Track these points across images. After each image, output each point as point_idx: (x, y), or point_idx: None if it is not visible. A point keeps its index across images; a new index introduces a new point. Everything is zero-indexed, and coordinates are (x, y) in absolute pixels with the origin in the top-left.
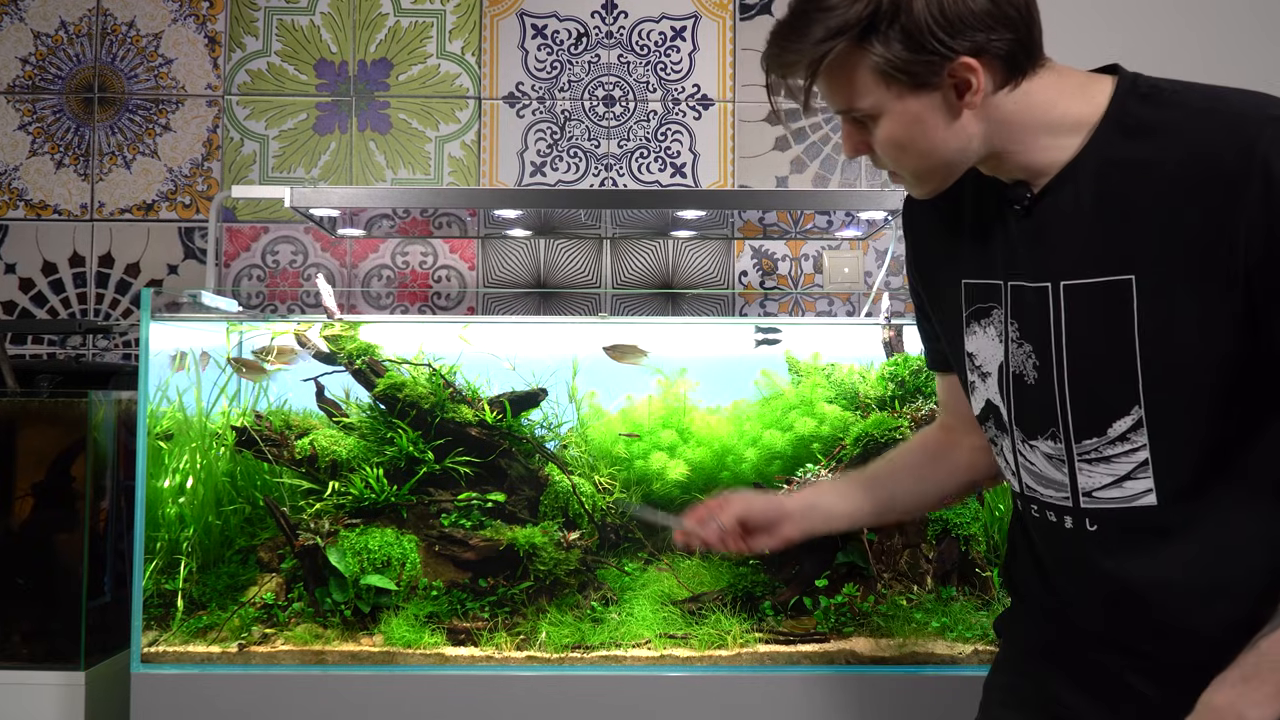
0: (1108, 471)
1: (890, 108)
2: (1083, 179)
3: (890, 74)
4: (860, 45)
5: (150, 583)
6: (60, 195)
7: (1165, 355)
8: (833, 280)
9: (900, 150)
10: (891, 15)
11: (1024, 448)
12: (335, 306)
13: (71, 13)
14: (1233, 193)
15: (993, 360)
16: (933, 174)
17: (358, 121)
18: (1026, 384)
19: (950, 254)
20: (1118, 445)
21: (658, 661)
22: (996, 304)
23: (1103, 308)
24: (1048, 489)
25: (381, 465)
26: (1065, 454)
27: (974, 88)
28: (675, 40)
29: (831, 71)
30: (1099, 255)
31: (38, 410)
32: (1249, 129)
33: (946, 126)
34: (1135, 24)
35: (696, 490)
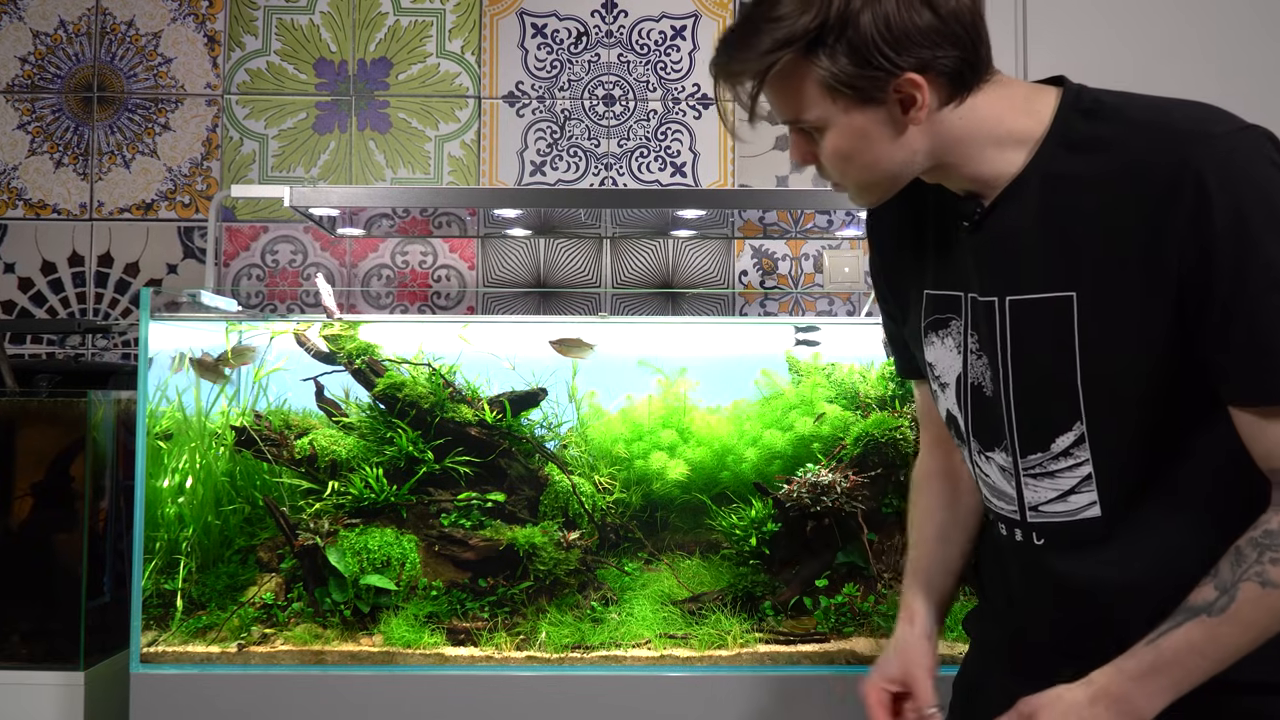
0: (1052, 486)
1: (836, 121)
2: (1027, 194)
3: (836, 88)
4: (807, 58)
5: (149, 583)
6: (59, 195)
7: (1105, 371)
8: (833, 280)
9: (845, 162)
10: (838, 29)
11: (980, 459)
12: (335, 306)
13: (70, 12)
14: (1166, 208)
15: (950, 371)
16: (876, 186)
17: (357, 121)
18: (985, 396)
19: (913, 263)
20: (1061, 460)
21: (658, 661)
22: (956, 315)
23: (1045, 323)
24: (999, 500)
25: (381, 465)
26: (1013, 468)
27: (919, 104)
28: (675, 39)
29: (778, 83)
30: (1042, 271)
31: (37, 410)
32: (1183, 145)
33: (892, 141)
34: (1135, 23)
35: (697, 490)
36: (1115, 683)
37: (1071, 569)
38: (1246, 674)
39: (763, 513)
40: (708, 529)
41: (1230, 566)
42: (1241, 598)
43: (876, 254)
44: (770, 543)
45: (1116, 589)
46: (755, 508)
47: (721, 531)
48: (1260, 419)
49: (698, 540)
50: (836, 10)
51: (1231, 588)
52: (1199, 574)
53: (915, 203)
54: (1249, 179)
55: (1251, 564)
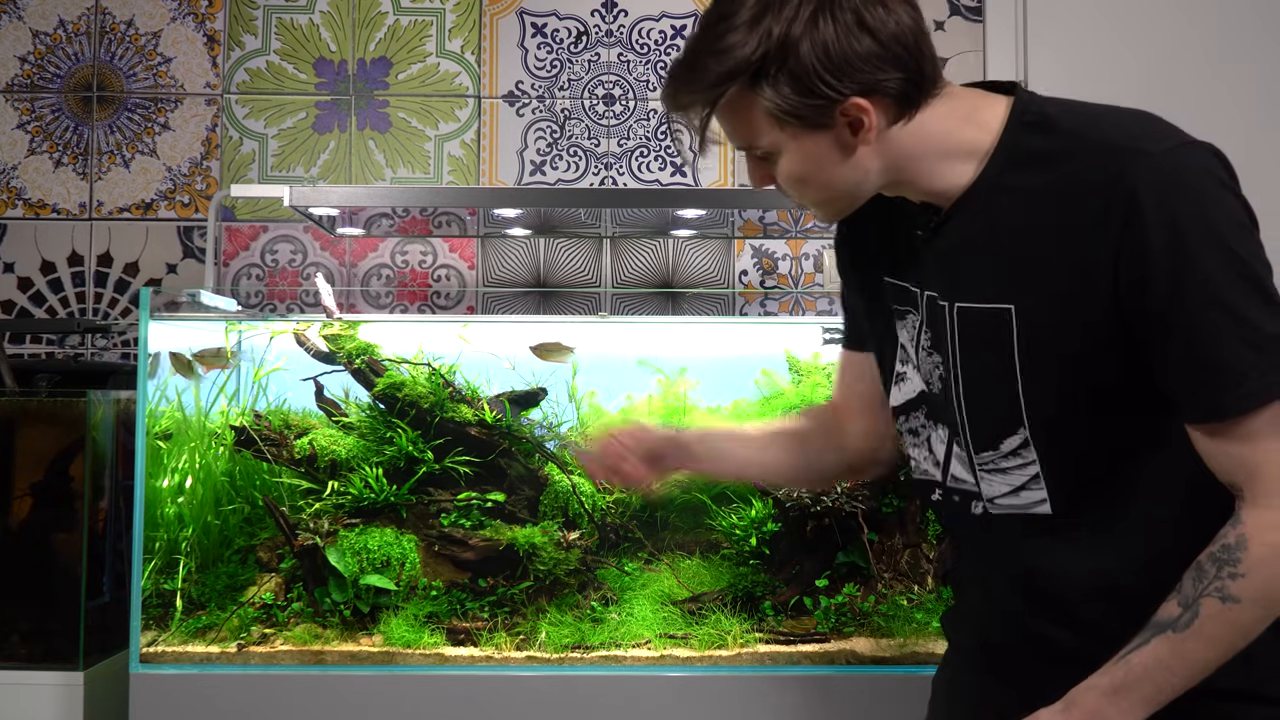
0: (1004, 481)
1: (787, 146)
2: (976, 206)
3: (782, 117)
4: (752, 89)
5: (149, 583)
6: (59, 194)
7: (1044, 381)
8: (833, 279)
9: (801, 184)
10: (779, 60)
11: (927, 426)
12: (334, 306)
13: (70, 11)
14: (1102, 225)
15: (910, 357)
16: (834, 203)
17: (357, 120)
18: (934, 393)
19: (882, 247)
20: (1010, 459)
21: (658, 661)
22: (912, 309)
23: (987, 333)
24: (962, 485)
25: (381, 465)
26: (969, 461)
27: (867, 126)
28: (675, 39)
29: (727, 113)
30: (984, 282)
31: (36, 410)
32: (1120, 160)
33: (843, 163)
34: (1135, 24)
35: (697, 489)
36: (1090, 700)
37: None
38: (1223, 681)
39: (763, 512)
40: (708, 529)
41: (1192, 582)
42: (1204, 614)
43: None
44: (770, 543)
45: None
46: (755, 507)
47: (721, 531)
48: (1209, 437)
49: (698, 540)
50: (777, 41)
51: (1194, 603)
52: (1162, 573)
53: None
54: (1184, 194)
55: (1211, 579)
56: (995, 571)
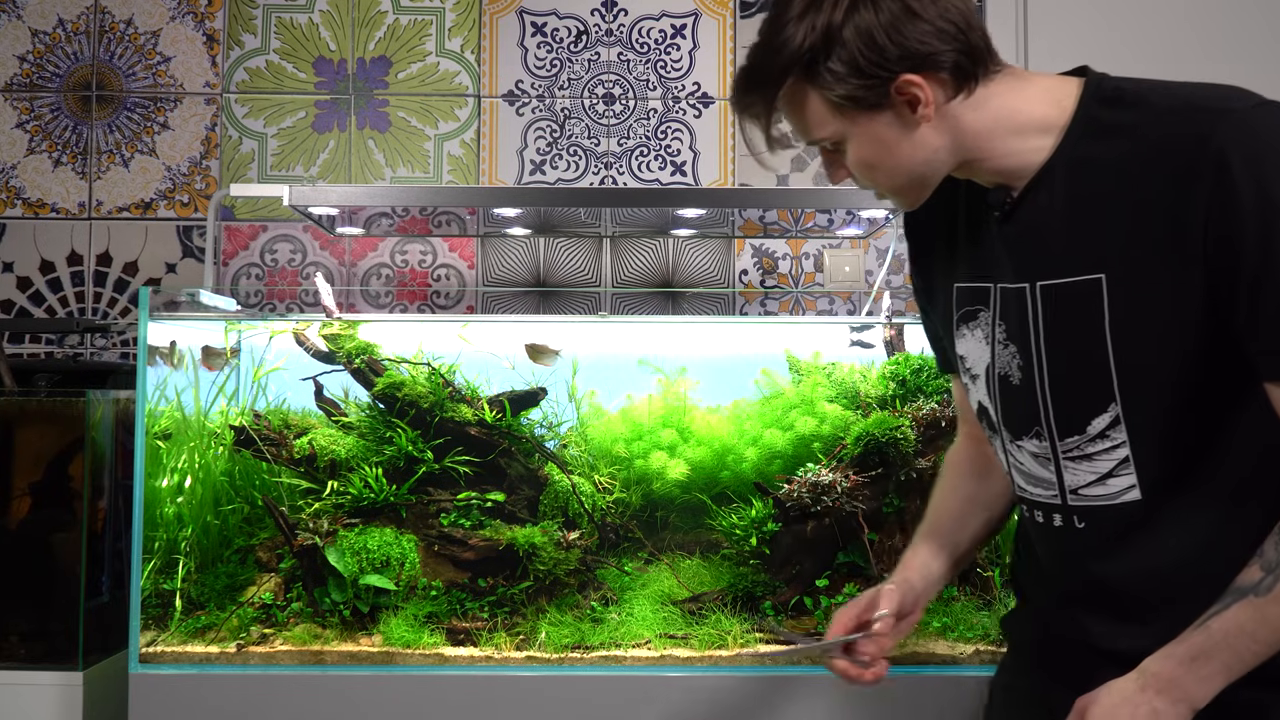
0: (1090, 469)
1: (850, 133)
2: (1054, 181)
3: (839, 103)
4: (807, 80)
5: (148, 583)
6: (58, 194)
7: (1136, 351)
8: (833, 279)
9: (871, 170)
10: (827, 48)
11: (1013, 448)
12: (334, 305)
13: (69, 10)
14: (1190, 186)
15: (980, 362)
16: (908, 188)
17: (356, 119)
18: (1012, 384)
19: (945, 258)
20: (1098, 443)
21: (658, 661)
22: (984, 306)
23: (1076, 307)
24: (1037, 487)
25: (380, 465)
26: (1051, 452)
27: (924, 101)
28: (675, 38)
29: (788, 107)
30: (1070, 255)
31: (35, 409)
32: (1204, 122)
33: (907, 142)
34: (1135, 21)
35: (697, 489)
36: (1166, 668)
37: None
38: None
39: (763, 512)
40: (708, 529)
41: (1275, 546)
42: None
43: (913, 254)
44: (770, 543)
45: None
46: (755, 507)
47: (722, 531)
48: None
49: (698, 540)
50: (821, 30)
51: (1277, 567)
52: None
53: (948, 201)
54: (1272, 151)
55: None
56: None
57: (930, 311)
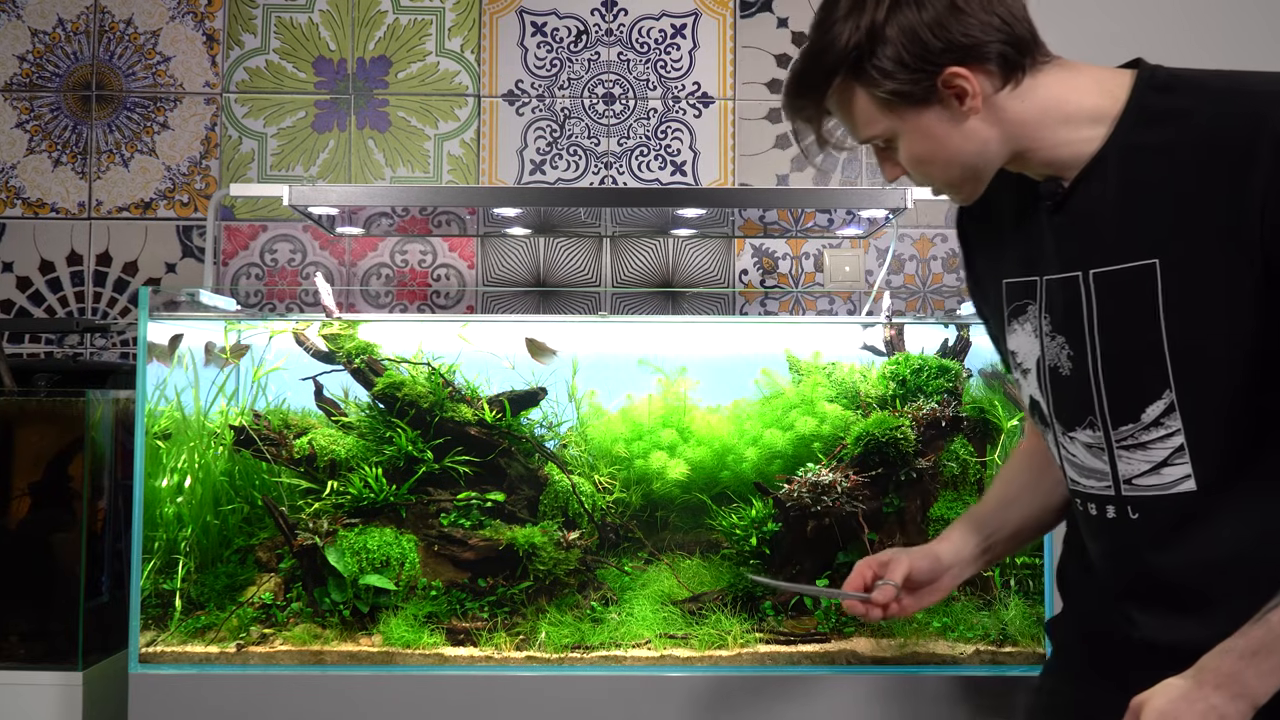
0: (1145, 458)
1: (901, 129)
2: (1107, 169)
3: (887, 99)
4: (854, 80)
5: (148, 583)
6: (58, 193)
7: (1191, 337)
8: (834, 279)
9: (924, 164)
10: (872, 47)
11: (1065, 440)
12: (334, 305)
13: (69, 10)
14: (1245, 170)
15: (1030, 356)
16: (962, 181)
17: (356, 119)
18: (1062, 375)
19: (994, 257)
20: (1152, 430)
21: (658, 661)
22: (1031, 300)
23: (1129, 293)
24: (1089, 479)
25: (380, 464)
26: (1104, 442)
27: (971, 93)
28: (675, 38)
29: (838, 108)
30: (1124, 242)
31: (35, 409)
32: (1260, 105)
33: (958, 134)
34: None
35: (697, 489)
36: (1225, 663)
37: (1164, 546)
38: None
39: (763, 512)
40: (708, 529)
41: None
42: None
43: (965, 257)
44: (771, 542)
45: (1210, 567)
46: (755, 507)
47: (722, 531)
48: None
49: (698, 540)
50: (865, 29)
51: None
52: None
53: (994, 199)
54: None
55: None
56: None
57: (985, 312)
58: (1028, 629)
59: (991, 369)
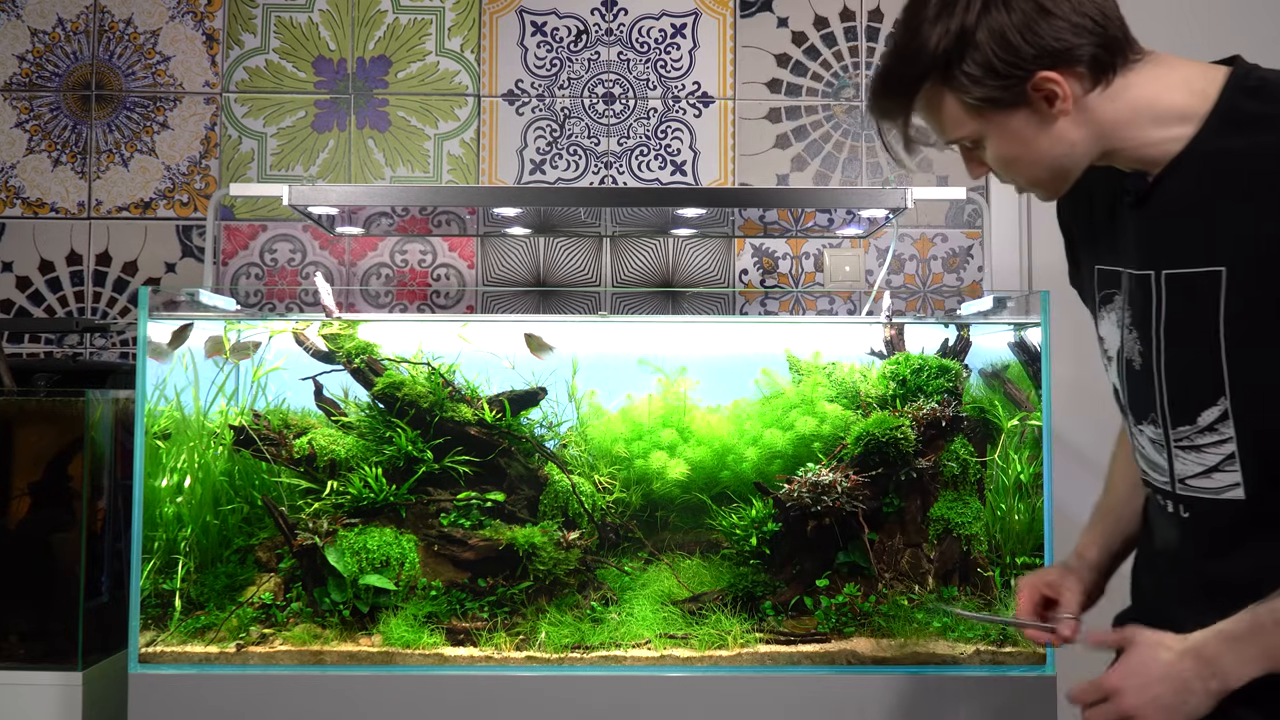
0: (1198, 460)
1: (988, 131)
2: (1189, 170)
3: (976, 103)
4: (943, 84)
5: (148, 583)
6: (57, 193)
7: (1251, 348)
8: (834, 279)
9: (1011, 165)
10: (961, 51)
11: (1136, 431)
12: (334, 305)
13: (69, 10)
14: None
15: (1114, 345)
16: (1049, 181)
17: (356, 119)
18: (1134, 369)
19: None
20: (1207, 435)
21: (658, 661)
22: (1117, 290)
23: (1194, 297)
24: (1155, 472)
25: (380, 464)
26: (1164, 439)
27: (1061, 97)
28: (675, 37)
29: (926, 111)
30: (1196, 246)
31: (35, 409)
32: None
33: (1045, 137)
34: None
35: (697, 489)
36: (1210, 644)
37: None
38: None
39: (763, 512)
40: (708, 529)
41: None
42: None
43: (1066, 242)
44: (771, 542)
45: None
46: (756, 507)
47: (722, 531)
48: None
49: (698, 540)
50: (955, 34)
51: None
52: None
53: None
54: None
55: None
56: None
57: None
58: None
59: (992, 369)
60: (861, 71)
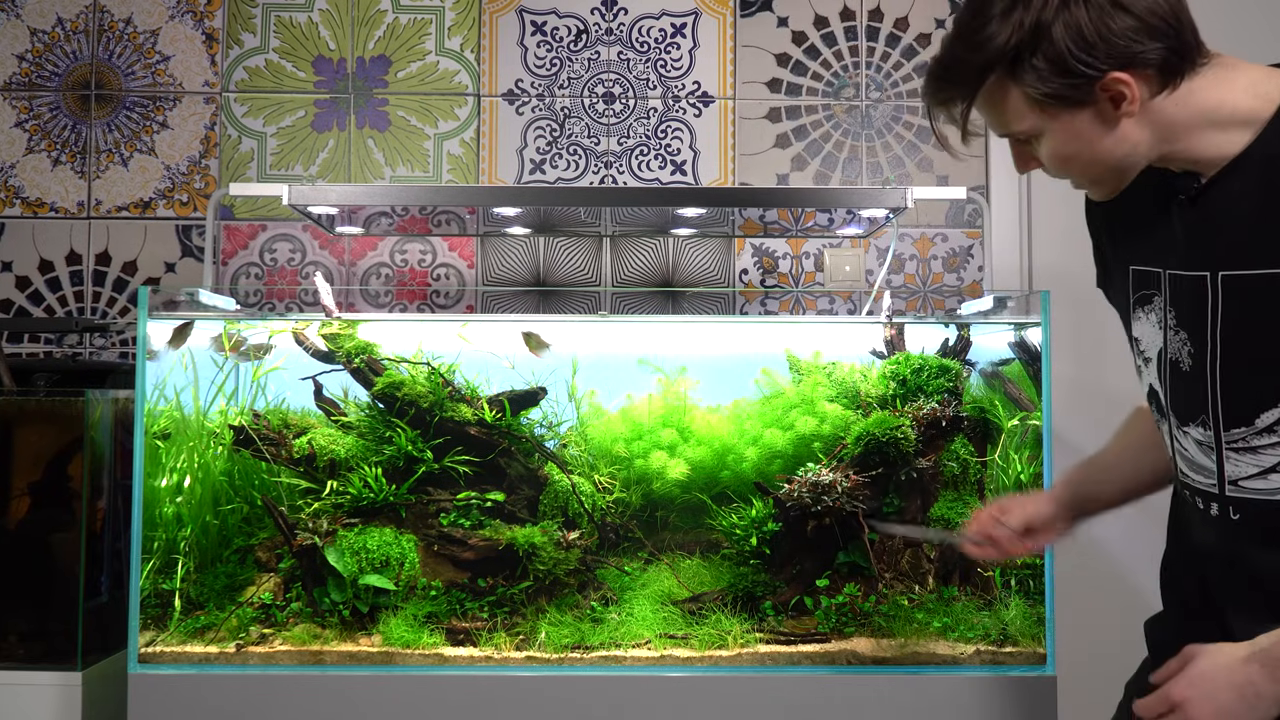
0: (1254, 462)
1: (1048, 127)
2: (1249, 172)
3: (1042, 100)
4: (1010, 76)
5: (147, 583)
6: (57, 193)
7: None
8: (834, 278)
9: (1066, 163)
10: (1034, 45)
11: (1179, 433)
12: (333, 305)
13: (68, 9)
14: None
15: (1153, 346)
16: (1104, 180)
17: (356, 119)
18: (1181, 371)
19: (1123, 241)
20: (1265, 436)
21: (658, 661)
22: (1156, 291)
23: (1259, 300)
24: (1198, 475)
25: (380, 464)
26: (1214, 441)
27: (1129, 98)
28: (675, 37)
29: (987, 102)
30: (1260, 248)
31: (34, 409)
32: None
33: (1108, 136)
34: None
35: (697, 489)
36: (1277, 646)
37: (1265, 549)
38: None
39: (763, 512)
40: (708, 529)
41: None
42: None
43: (1093, 240)
44: (771, 542)
45: None
46: (756, 507)
47: (722, 531)
48: None
49: (698, 540)
50: (1029, 27)
51: None
52: None
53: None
54: None
55: None
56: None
57: (1110, 296)
58: (1028, 629)
59: (992, 368)
60: (862, 71)
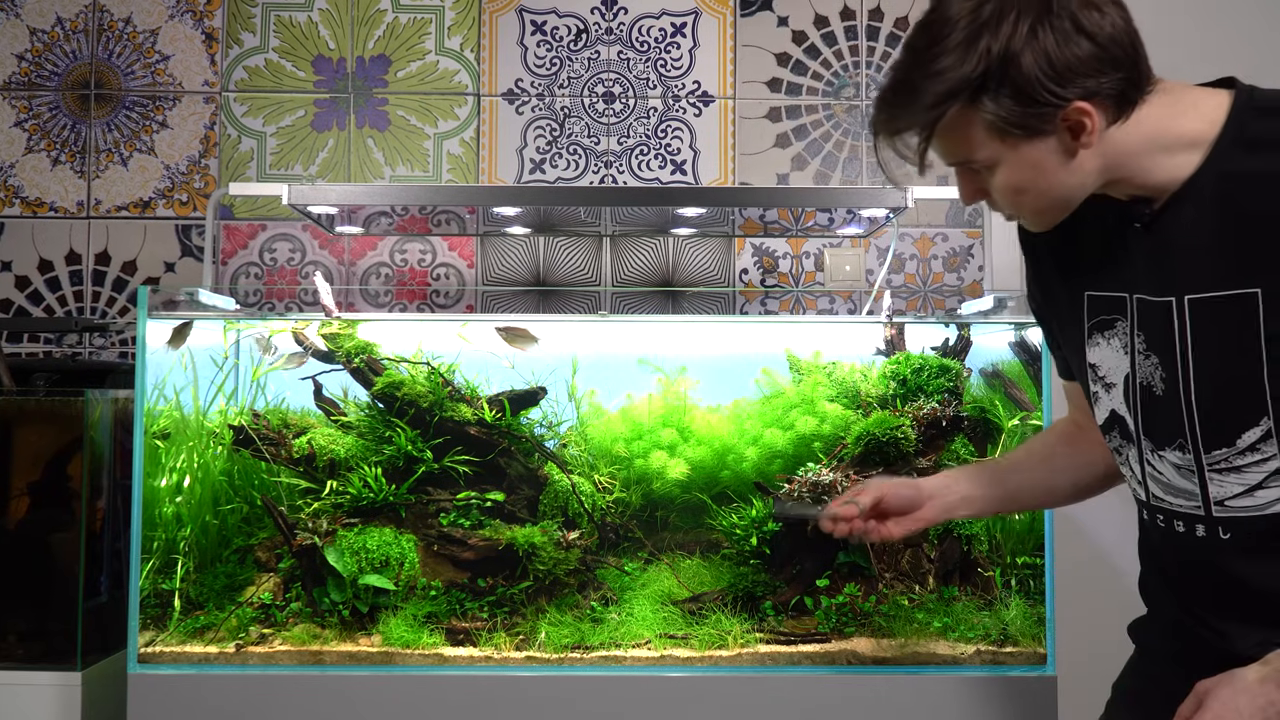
0: (1239, 481)
1: (1006, 157)
2: (1203, 194)
3: (1004, 129)
4: (972, 105)
5: (147, 582)
6: (57, 192)
7: None
8: (834, 278)
9: (1019, 194)
10: (1000, 74)
11: (1153, 458)
12: (333, 304)
13: (68, 9)
14: None
15: (1117, 371)
16: (1051, 210)
17: (356, 118)
18: (1155, 395)
19: (1070, 267)
20: (1248, 455)
21: (658, 661)
22: (1121, 316)
23: (1228, 321)
24: (1177, 498)
25: (380, 464)
26: (1195, 464)
27: (1089, 128)
28: (675, 36)
29: (945, 131)
30: (1222, 269)
31: (34, 409)
32: None
33: (1064, 167)
34: None
35: (697, 489)
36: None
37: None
38: None
39: (763, 512)
40: (708, 528)
41: None
42: None
43: (1031, 264)
44: (771, 542)
45: None
46: (756, 507)
47: (722, 531)
48: None
49: (698, 540)
50: (997, 55)
51: None
52: None
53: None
54: None
55: None
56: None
57: (1050, 321)
58: (1029, 629)
59: (992, 369)
60: (862, 71)
